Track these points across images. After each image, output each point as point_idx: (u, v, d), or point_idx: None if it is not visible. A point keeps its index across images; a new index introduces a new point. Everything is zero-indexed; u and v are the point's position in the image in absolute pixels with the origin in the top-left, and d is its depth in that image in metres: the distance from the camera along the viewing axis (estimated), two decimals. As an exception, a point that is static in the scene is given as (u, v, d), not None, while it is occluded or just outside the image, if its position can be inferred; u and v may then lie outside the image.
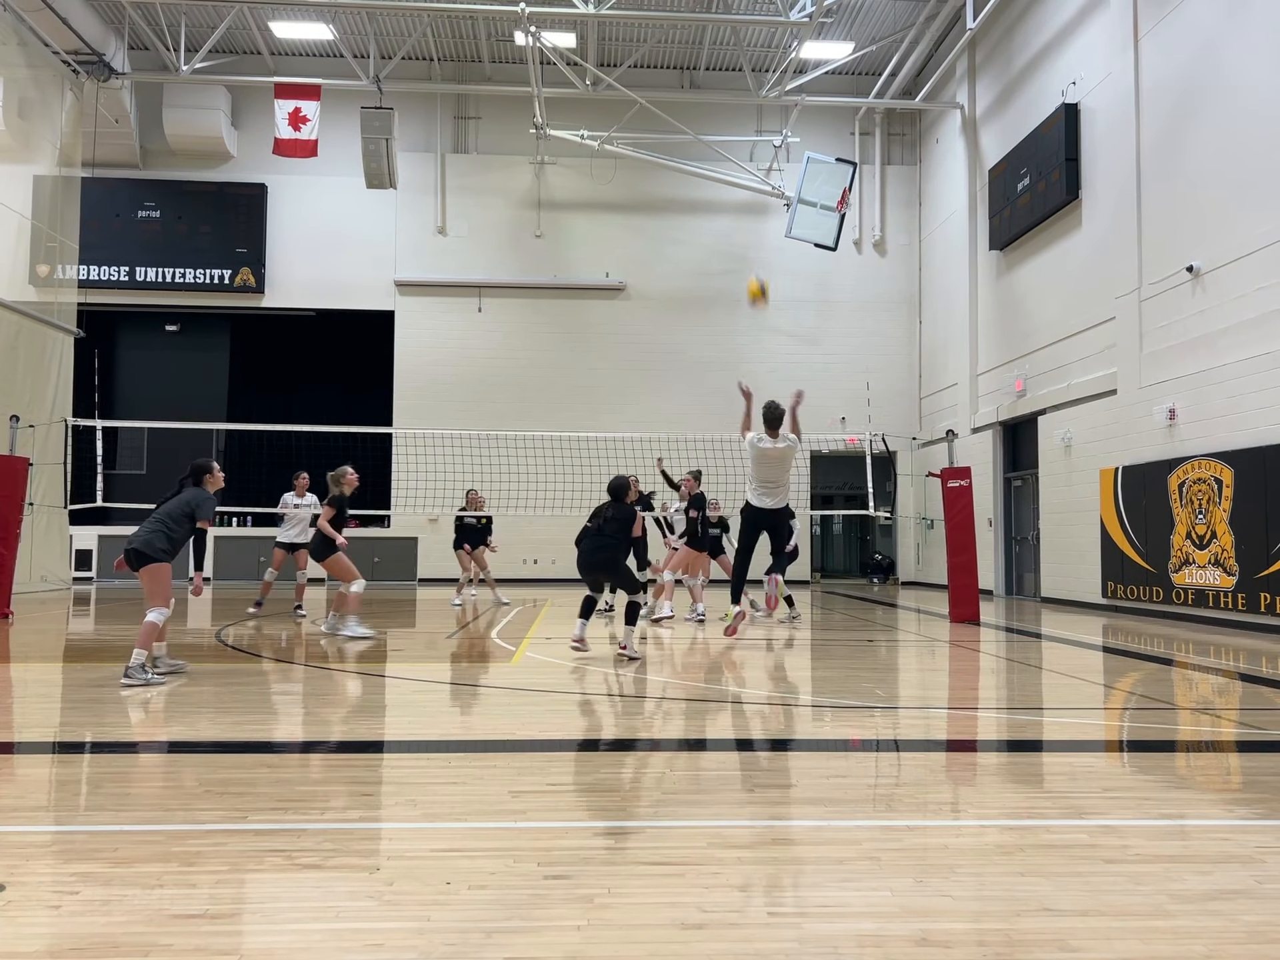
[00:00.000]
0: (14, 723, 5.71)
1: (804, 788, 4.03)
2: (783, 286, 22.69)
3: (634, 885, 2.90)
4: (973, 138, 19.89)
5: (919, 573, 22.44)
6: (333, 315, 22.33)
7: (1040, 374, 16.96)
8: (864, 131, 22.98)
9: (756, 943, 2.51)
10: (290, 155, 18.82)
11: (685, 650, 9.64)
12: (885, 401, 21.69)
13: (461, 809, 3.76)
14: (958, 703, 6.69)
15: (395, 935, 2.53)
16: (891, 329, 22.96)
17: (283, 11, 19.40)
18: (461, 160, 22.57)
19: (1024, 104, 17.65)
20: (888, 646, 10.19)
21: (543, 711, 6.01)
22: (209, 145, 21.73)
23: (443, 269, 22.27)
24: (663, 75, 22.38)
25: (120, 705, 5.98)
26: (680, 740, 5.12)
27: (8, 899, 2.73)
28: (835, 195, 19.56)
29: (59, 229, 18.64)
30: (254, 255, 21.98)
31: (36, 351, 17.18)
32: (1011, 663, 8.71)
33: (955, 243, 20.50)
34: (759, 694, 6.46)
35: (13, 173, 18.68)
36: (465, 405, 21.52)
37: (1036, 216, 16.77)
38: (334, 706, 5.90)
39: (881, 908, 2.75)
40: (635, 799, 3.84)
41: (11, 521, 11.63)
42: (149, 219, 21.80)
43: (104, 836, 3.32)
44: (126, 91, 20.66)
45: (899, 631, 11.86)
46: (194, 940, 2.49)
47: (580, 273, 22.50)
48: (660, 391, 22.12)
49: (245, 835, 3.34)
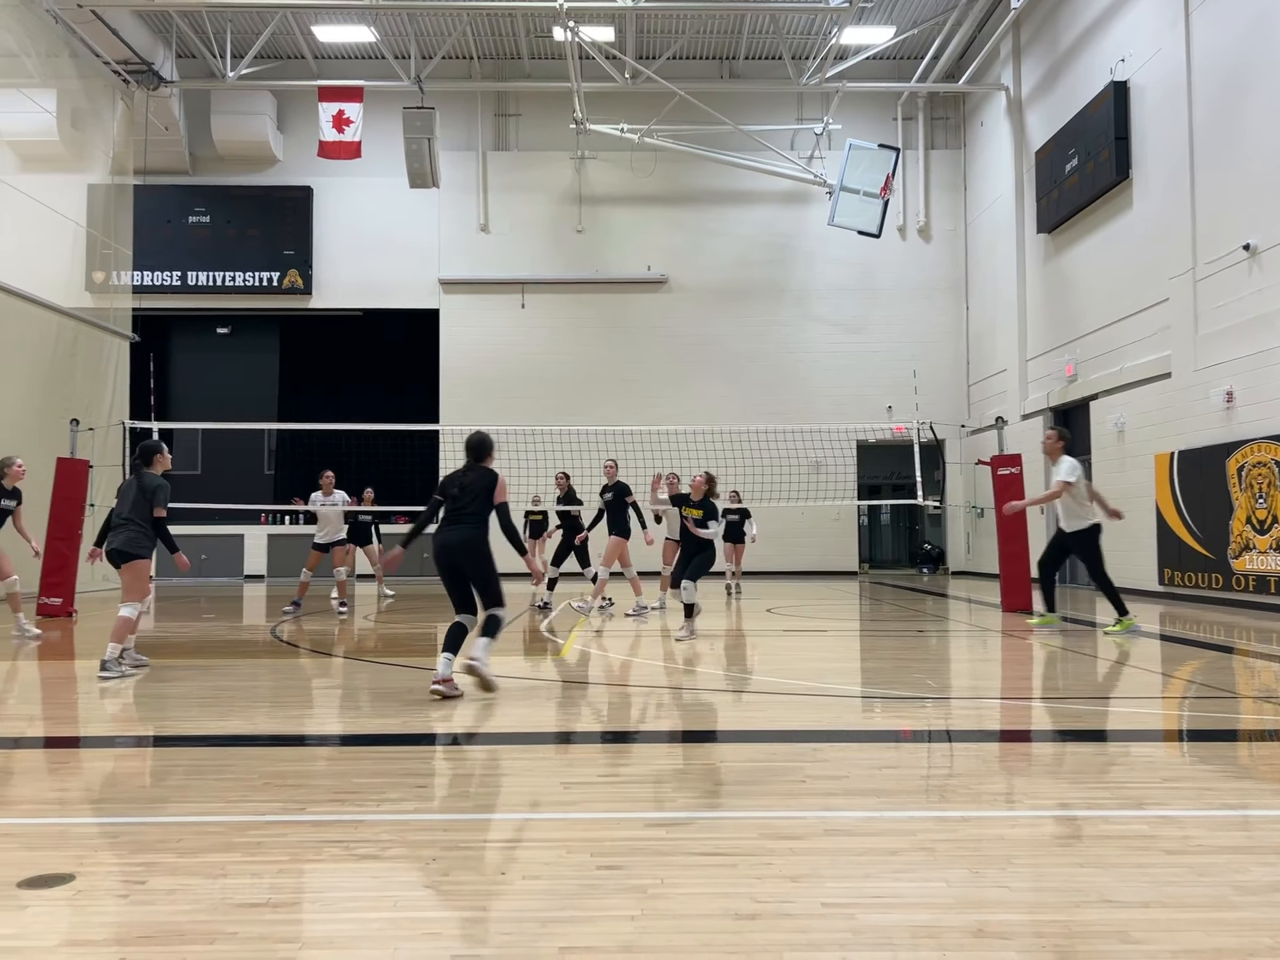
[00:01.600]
0: (79, 718, 5.87)
1: (856, 779, 4.01)
2: (825, 275, 22.56)
3: (686, 876, 2.90)
4: (1018, 119, 19.55)
5: (969, 562, 22.16)
6: (379, 315, 22.59)
7: (1091, 358, 16.65)
8: (906, 116, 22.70)
9: (811, 933, 2.51)
10: (334, 157, 19.06)
11: (731, 643, 9.62)
12: (932, 389, 21.43)
13: (514, 800, 3.80)
14: (1011, 693, 6.61)
15: (452, 924, 2.56)
16: (937, 316, 22.68)
17: (325, 15, 19.62)
18: (502, 157, 22.69)
19: (1071, 83, 17.31)
20: (938, 637, 10.09)
21: (592, 703, 6.05)
22: (256, 150, 22.07)
23: (486, 266, 22.42)
24: (702, 66, 22.29)
25: (181, 700, 6.11)
26: (729, 732, 5.11)
27: (77, 888, 2.81)
28: (878, 182, 19.35)
29: (113, 236, 19.05)
30: (301, 257, 22.31)
31: (94, 356, 17.58)
32: (1065, 651, 8.58)
33: (1002, 226, 20.18)
34: (808, 685, 6.43)
35: (68, 182, 19.11)
36: (510, 401, 21.66)
37: (1085, 198, 16.45)
38: (386, 700, 5.98)
39: (937, 899, 2.73)
40: (685, 790, 3.85)
41: (74, 523, 11.94)
42: (199, 224, 22.22)
43: (169, 828, 3.40)
44: (175, 99, 21.08)
45: (950, 621, 11.73)
46: (257, 929, 2.54)
47: (622, 267, 22.52)
48: (702, 384, 22.08)
49: (304, 826, 3.40)
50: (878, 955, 2.40)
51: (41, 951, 2.42)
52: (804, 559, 21.55)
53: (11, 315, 15.27)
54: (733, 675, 7.22)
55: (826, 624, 11.44)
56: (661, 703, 6.14)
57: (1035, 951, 2.41)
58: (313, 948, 2.46)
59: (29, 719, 5.77)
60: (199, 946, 2.42)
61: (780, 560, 21.22)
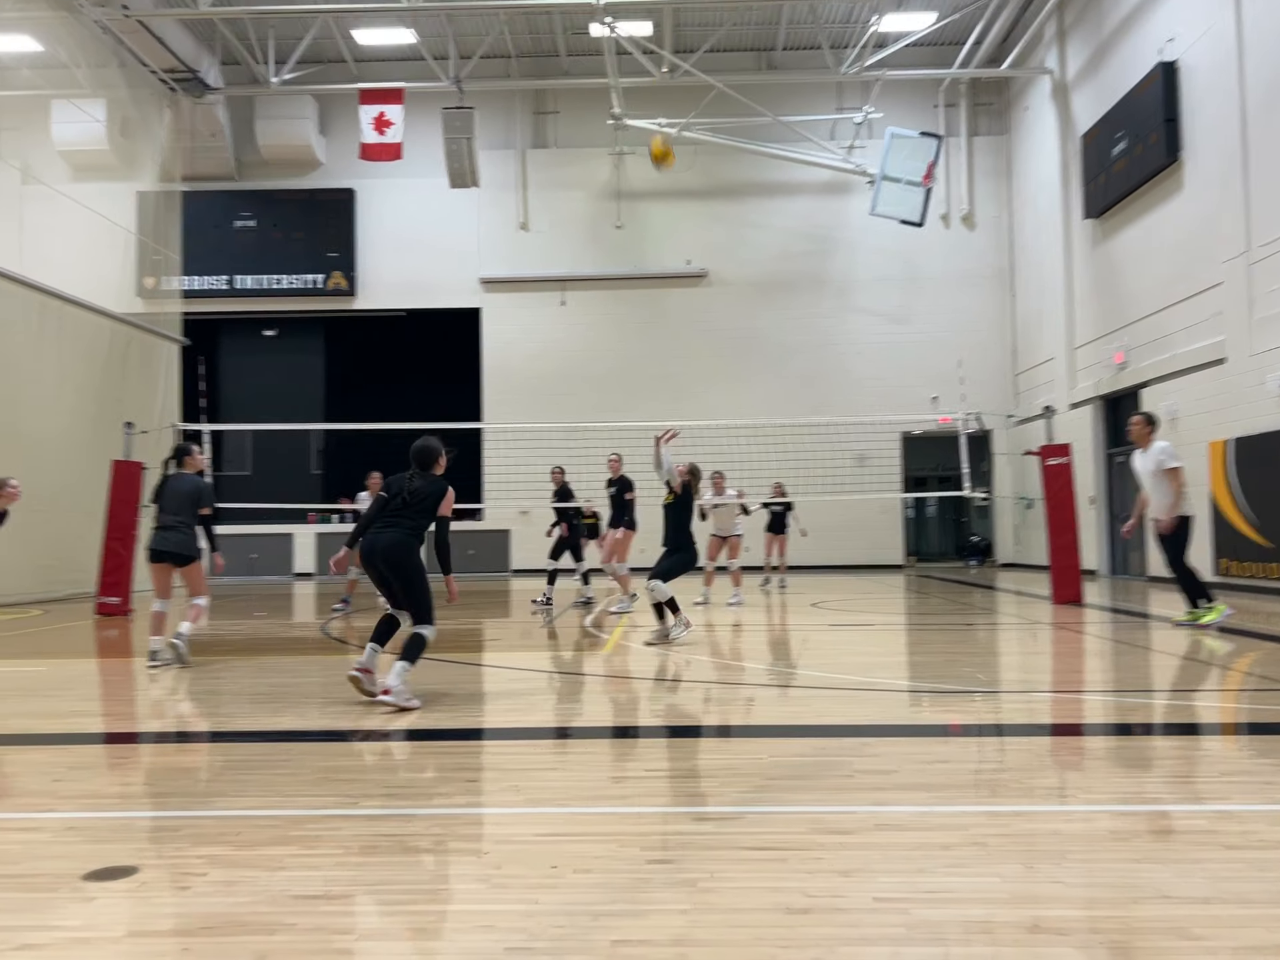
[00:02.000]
0: (137, 714, 6.01)
1: (906, 773, 3.98)
2: (868, 265, 22.35)
3: (736, 870, 2.91)
4: (1064, 103, 19.21)
5: (1018, 554, 21.87)
6: (421, 314, 22.79)
7: (1142, 345, 16.33)
8: (949, 103, 22.41)
9: (863, 928, 2.50)
10: (376, 159, 19.27)
11: (777, 638, 9.59)
12: (978, 379, 21.17)
13: (563, 794, 3.83)
14: (1062, 686, 6.51)
15: (505, 917, 2.59)
16: (982, 304, 22.38)
17: (365, 19, 19.81)
18: (541, 155, 22.77)
19: (1118, 65, 16.97)
20: (987, 630, 9.97)
21: (638, 698, 6.07)
22: (299, 154, 22.37)
23: (526, 264, 22.53)
24: (740, 58, 22.18)
25: (235, 696, 6.23)
26: (776, 726, 5.10)
27: (141, 880, 2.88)
28: (920, 170, 19.13)
29: (162, 242, 19.44)
30: (345, 259, 22.59)
31: (146, 361, 17.95)
32: (1118, 644, 8.44)
33: (1048, 212, 19.86)
34: (855, 680, 6.40)
35: (118, 190, 19.53)
36: (552, 398, 21.74)
37: (1134, 181, 16.12)
38: (435, 695, 6.04)
39: (991, 894, 2.70)
40: (734, 785, 3.85)
41: (129, 524, 12.20)
42: (245, 228, 22.58)
43: (227, 821, 3.47)
44: (220, 106, 21.43)
45: (998, 614, 11.60)
46: (315, 920, 2.59)
47: (661, 261, 22.51)
48: (744, 378, 22.00)
49: (358, 820, 3.46)
50: (932, 950, 2.38)
51: (109, 942, 2.49)
52: (849, 553, 21.39)
53: (67, 322, 15.65)
54: (779, 670, 7.20)
55: (873, 618, 11.36)
56: (708, 698, 6.14)
57: (1093, 948, 2.38)
58: (369, 939, 2.50)
59: (89, 715, 5.92)
60: (259, 937, 2.47)
61: (825, 554, 21.08)
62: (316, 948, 2.44)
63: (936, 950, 2.38)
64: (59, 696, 6.49)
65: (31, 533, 14.02)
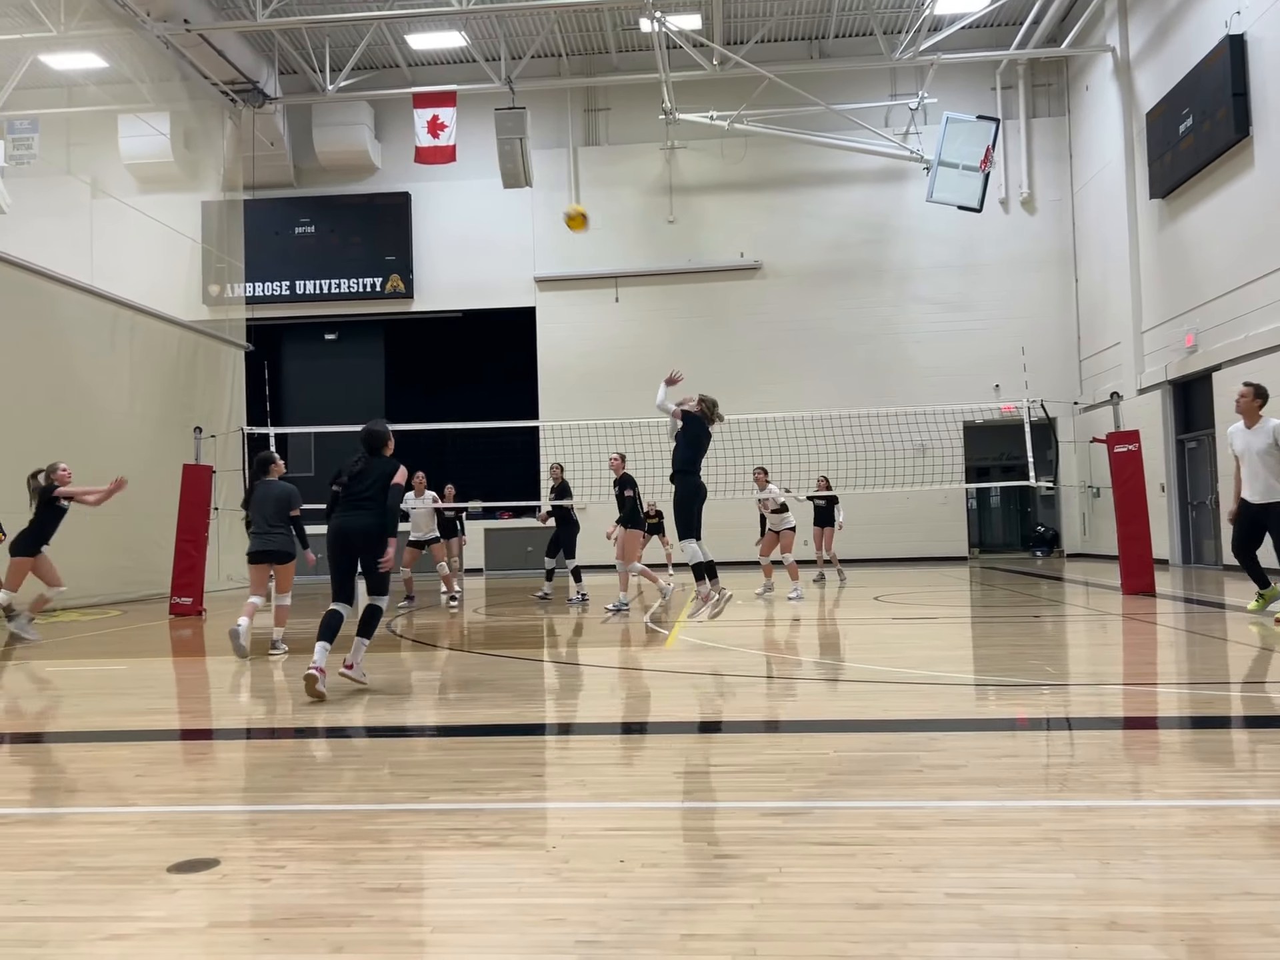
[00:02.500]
0: (212, 711, 6.17)
1: (974, 768, 3.93)
2: (926, 253, 22.02)
3: (805, 865, 2.90)
4: (1126, 81, 18.72)
5: (1086, 544, 21.40)
6: (478, 315, 23.02)
7: (1213, 327, 15.86)
8: (1006, 85, 21.98)
9: (935, 924, 2.47)
10: (431, 162, 19.48)
11: (840, 631, 9.52)
12: (1041, 366, 20.73)
13: (628, 789, 3.85)
14: (1134, 678, 6.36)
15: (575, 911, 2.61)
16: (1044, 289, 21.93)
17: (418, 24, 20.04)
18: (593, 153, 22.83)
19: (1182, 40, 16.48)
20: (1055, 622, 9.79)
21: (700, 693, 6.07)
22: (355, 159, 22.73)
23: (579, 262, 22.61)
24: (791, 48, 21.99)
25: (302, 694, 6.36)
26: (841, 721, 5.07)
27: (223, 873, 2.97)
28: (978, 154, 18.80)
29: (226, 250, 19.90)
30: (402, 262, 22.91)
31: (212, 366, 18.41)
32: (1192, 635, 8.22)
33: (1111, 193, 19.37)
34: (920, 674, 6.32)
35: (183, 201, 20.05)
36: (607, 394, 21.79)
37: (1202, 159, 15.66)
38: (498, 691, 6.11)
39: (1065, 890, 2.66)
40: (799, 779, 3.83)
41: (200, 526, 12.53)
42: (305, 234, 23.02)
43: (302, 815, 3.55)
44: (279, 115, 21.86)
45: (1066, 606, 11.37)
46: (390, 912, 2.64)
47: (715, 255, 22.43)
48: (801, 370, 21.83)
49: (428, 815, 3.52)
50: (1006, 946, 2.35)
51: (193, 933, 2.57)
52: (911, 545, 21.13)
53: (138, 330, 16.11)
54: (842, 664, 7.14)
55: (936, 610, 11.21)
56: (771, 692, 6.12)
57: (1172, 945, 2.33)
58: (443, 931, 2.55)
59: (166, 712, 6.09)
60: (337, 929, 2.53)
61: (886, 547, 20.87)
62: (392, 939, 2.49)
63: (1011, 946, 2.35)
64: (138, 694, 6.69)
65: (108, 536, 14.48)
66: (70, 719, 5.79)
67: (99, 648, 9.54)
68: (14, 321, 13.27)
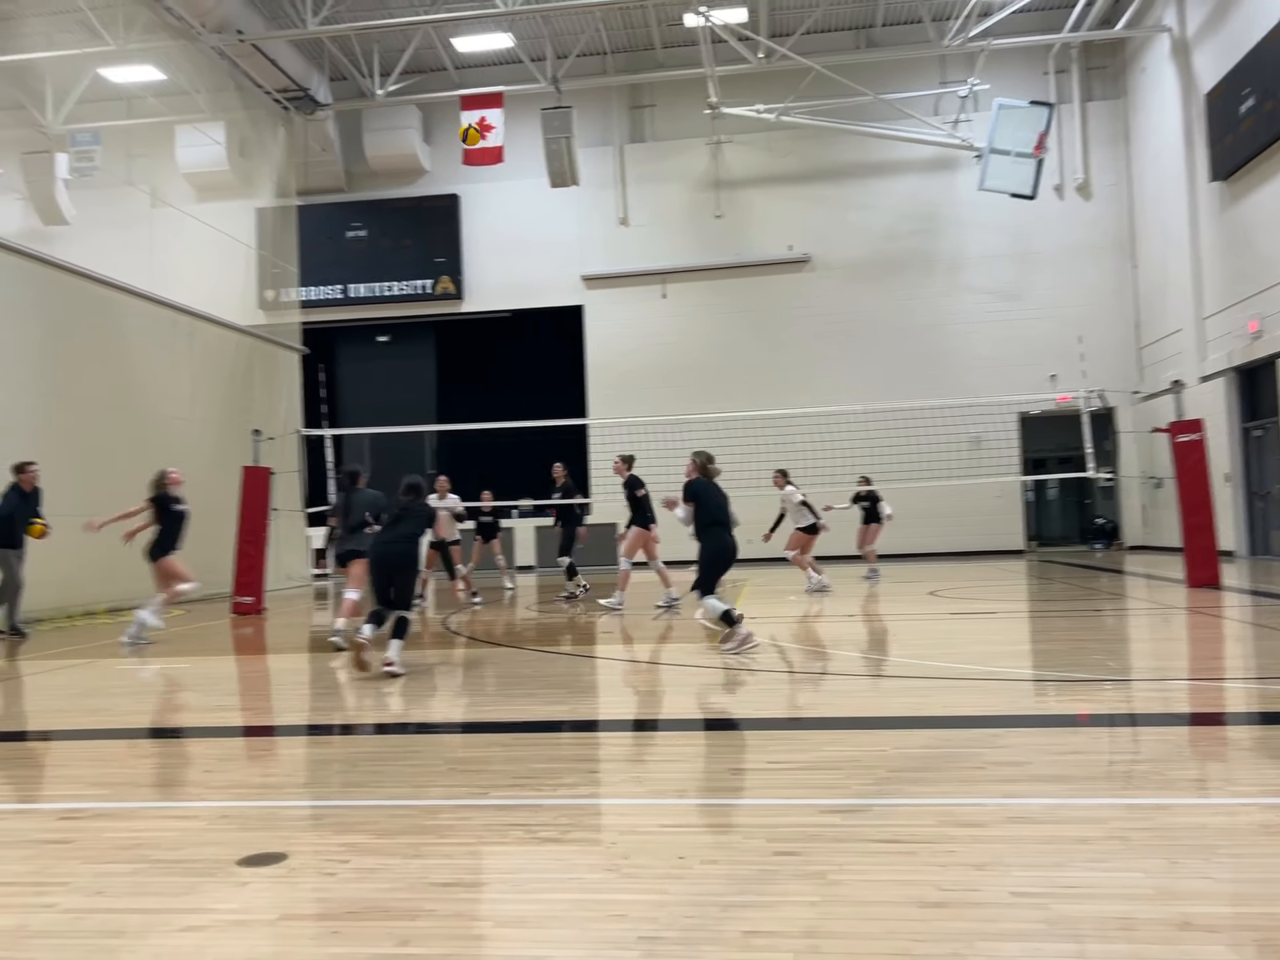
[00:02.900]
0: (274, 708, 6.30)
1: (1037, 765, 3.87)
2: (978, 242, 21.70)
3: (865, 862, 2.88)
4: (1184, 62, 18.25)
5: (1147, 536, 20.93)
6: (526, 314, 23.13)
7: (1278, 311, 15.41)
8: (1059, 69, 21.54)
9: (1001, 923, 2.44)
10: (478, 164, 19.62)
11: (895, 627, 9.43)
12: (1099, 354, 20.33)
13: (685, 785, 3.86)
14: (1200, 673, 6.22)
15: (636, 907, 2.62)
16: (1101, 277, 21.46)
17: (465, 26, 20.19)
18: (639, 150, 22.83)
19: (1243, 17, 16.01)
20: (1117, 616, 9.59)
21: (753, 690, 6.05)
22: (405, 163, 22.99)
23: (626, 260, 22.63)
24: (837, 38, 21.77)
25: (362, 691, 6.47)
26: (900, 718, 5.02)
27: (290, 866, 3.03)
28: (1031, 140, 18.46)
29: (281, 255, 20.26)
30: (451, 263, 23.13)
31: (269, 370, 18.76)
32: (1260, 628, 8.01)
33: (1170, 177, 18.90)
34: (980, 669, 6.24)
35: (238, 208, 20.46)
36: (655, 391, 21.79)
37: (1264, 139, 15.20)
38: (553, 687, 6.15)
39: (1135, 889, 2.61)
40: (857, 776, 3.81)
41: (260, 527, 12.78)
42: (356, 238, 23.33)
43: (365, 810, 3.62)
44: (330, 121, 22.18)
45: (1128, 599, 11.14)
46: (454, 906, 2.68)
47: (762, 249, 22.31)
48: (851, 363, 21.63)
49: (488, 810, 3.56)
50: (1074, 947, 2.32)
51: (264, 924, 2.63)
52: (966, 539, 20.83)
53: (197, 336, 16.47)
54: (900, 660, 7.07)
55: (994, 605, 11.05)
56: (828, 688, 6.08)
57: (1245, 945, 2.29)
58: (506, 926, 2.58)
59: (231, 710, 6.23)
60: (403, 922, 2.57)
61: (940, 541, 20.60)
62: (456, 933, 2.52)
63: (1079, 947, 2.31)
64: (203, 692, 6.85)
65: (171, 537, 14.80)
66: (139, 716, 5.95)
67: (164, 648, 9.77)
68: (80, 330, 13.64)
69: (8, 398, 12.14)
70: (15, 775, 4.55)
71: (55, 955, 2.45)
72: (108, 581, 13.58)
